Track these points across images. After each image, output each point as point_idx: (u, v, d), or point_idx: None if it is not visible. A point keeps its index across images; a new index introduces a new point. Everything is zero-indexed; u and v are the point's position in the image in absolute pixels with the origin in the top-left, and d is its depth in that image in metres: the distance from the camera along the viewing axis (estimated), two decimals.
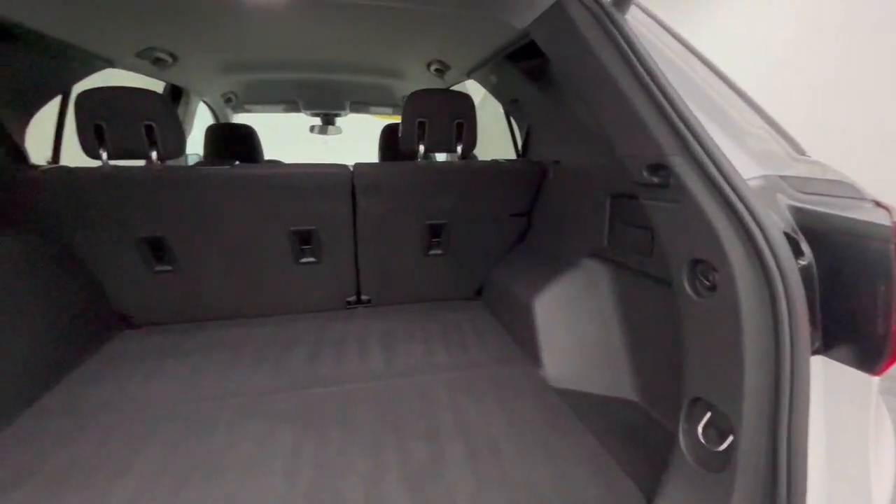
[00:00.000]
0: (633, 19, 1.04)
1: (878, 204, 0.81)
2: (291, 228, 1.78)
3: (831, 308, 0.76)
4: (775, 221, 0.77)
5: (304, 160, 1.86)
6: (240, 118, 3.78)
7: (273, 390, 1.43)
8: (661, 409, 1.30)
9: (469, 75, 2.31)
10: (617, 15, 0.99)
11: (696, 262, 0.87)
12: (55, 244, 1.58)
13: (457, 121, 1.74)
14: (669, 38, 1.09)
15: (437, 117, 1.73)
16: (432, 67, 2.38)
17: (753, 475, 0.77)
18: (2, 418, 1.24)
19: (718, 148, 0.82)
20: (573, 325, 1.53)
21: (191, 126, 3.22)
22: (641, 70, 0.92)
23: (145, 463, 1.10)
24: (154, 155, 1.54)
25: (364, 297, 2.10)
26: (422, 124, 1.72)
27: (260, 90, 3.15)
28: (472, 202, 1.90)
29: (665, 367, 1.28)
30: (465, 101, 1.77)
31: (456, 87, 2.68)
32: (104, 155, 1.51)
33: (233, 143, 2.84)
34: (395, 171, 1.78)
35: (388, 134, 2.85)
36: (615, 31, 0.98)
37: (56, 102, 1.90)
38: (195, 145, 3.09)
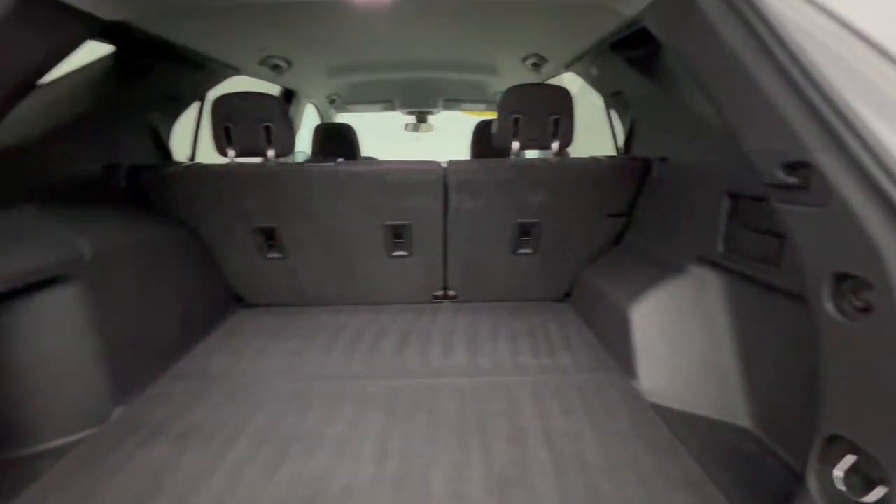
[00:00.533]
0: None
1: None
2: (386, 223, 1.86)
3: None
4: None
5: (396, 157, 1.94)
6: (340, 118, 4.05)
7: (364, 376, 1.51)
8: (782, 441, 1.13)
9: (568, 68, 2.22)
10: None
11: (842, 277, 0.73)
12: (190, 231, 1.83)
13: (554, 116, 1.68)
14: (819, 13, 0.93)
15: (534, 113, 1.69)
16: (528, 61, 2.32)
17: None
18: (147, 379, 1.46)
19: (883, 144, 0.69)
20: (676, 337, 1.40)
21: (299, 125, 3.51)
22: (781, 53, 0.80)
23: (252, 431, 1.22)
24: (271, 153, 1.71)
25: (450, 293, 2.13)
26: (517, 120, 1.69)
27: (360, 91, 3.34)
28: (567, 201, 1.82)
29: (790, 394, 1.12)
30: (564, 95, 1.70)
31: (551, 81, 2.60)
32: (231, 153, 1.70)
33: (336, 140, 3.04)
34: (488, 168, 1.77)
35: (481, 130, 2.85)
36: (748, 10, 0.86)
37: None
38: (302, 143, 3.37)
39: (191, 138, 2.30)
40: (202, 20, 1.60)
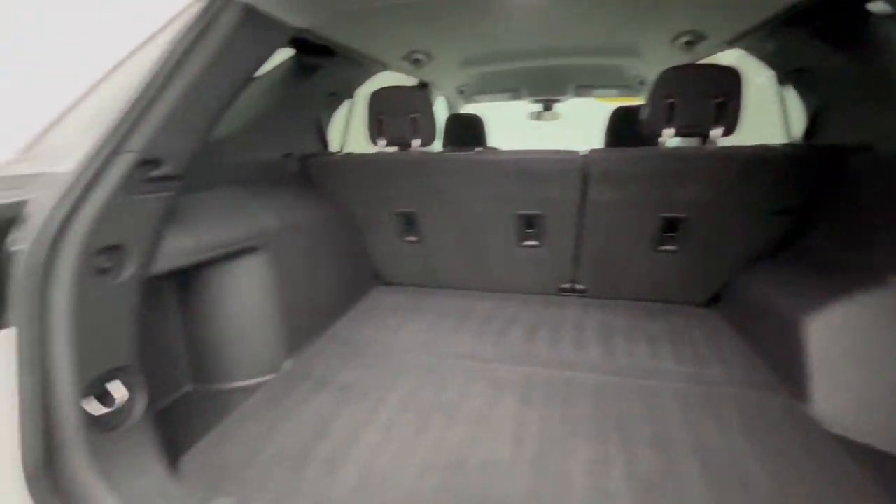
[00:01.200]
0: None
1: None
2: (519, 212, 1.87)
3: None
4: None
5: (515, 147, 1.92)
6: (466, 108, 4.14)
7: (495, 360, 1.55)
8: None
9: (732, 44, 1.97)
10: None
11: None
12: (344, 211, 2.04)
13: (718, 100, 1.51)
14: None
15: (694, 97, 1.53)
16: (680, 40, 2.11)
17: None
18: (308, 339, 1.68)
19: None
20: (870, 360, 1.18)
21: None
22: None
23: (397, 396, 1.34)
24: (415, 142, 1.82)
25: (579, 286, 2.07)
26: (672, 105, 1.55)
27: (489, 80, 3.37)
28: (724, 194, 1.63)
29: None
30: (732, 76, 1.51)
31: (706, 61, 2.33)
32: (381, 142, 1.85)
33: (465, 130, 3.11)
34: (635, 157, 1.66)
35: (619, 117, 2.68)
36: None
37: None
38: None
39: (341, 130, 2.56)
40: (363, 21, 1.76)
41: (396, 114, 1.80)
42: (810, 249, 1.60)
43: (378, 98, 1.82)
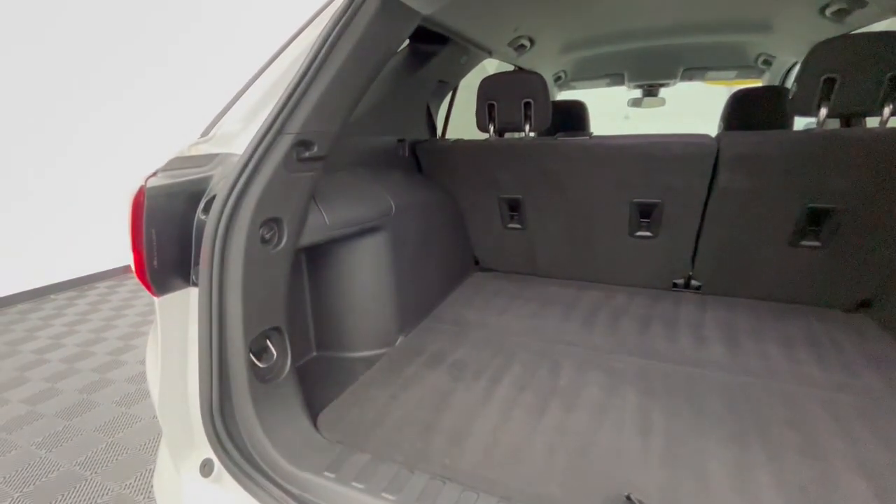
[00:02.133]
0: None
1: None
2: (634, 200, 1.78)
3: None
4: None
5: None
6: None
7: (608, 350, 1.50)
8: None
9: None
10: None
11: None
12: (450, 196, 2.09)
13: (892, 73, 1.31)
14: None
15: (858, 72, 1.35)
16: (832, 8, 1.86)
17: None
18: (418, 317, 1.75)
19: None
20: None
21: None
22: None
23: (512, 377, 1.35)
24: (527, 128, 1.80)
25: (694, 283, 1.93)
26: (830, 81, 1.37)
27: (589, 66, 3.23)
28: (891, 183, 1.42)
29: None
30: None
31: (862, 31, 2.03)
32: (491, 129, 1.86)
33: (569, 117, 3.02)
34: (778, 140, 1.50)
35: (740, 102, 2.44)
36: None
37: None
38: None
39: (443, 117, 2.61)
40: (474, 6, 1.77)
41: (509, 99, 1.79)
42: None
43: (490, 83, 1.82)
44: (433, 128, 2.25)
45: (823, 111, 1.41)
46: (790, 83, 2.95)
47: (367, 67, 1.25)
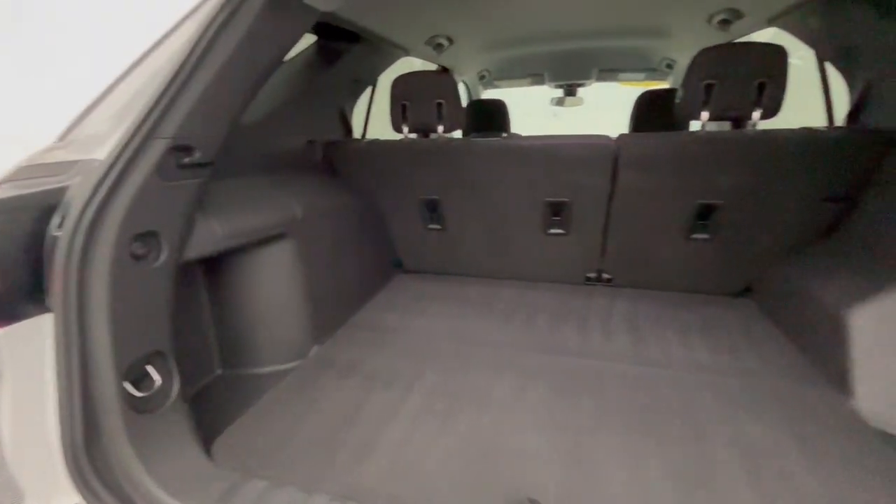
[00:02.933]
0: None
1: None
2: (546, 199, 1.83)
3: None
4: None
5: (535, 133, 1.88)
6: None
7: (523, 348, 1.53)
8: None
9: (772, 22, 1.87)
10: None
11: None
12: (368, 198, 2.03)
13: (758, 80, 1.44)
14: None
15: (733, 78, 1.46)
16: (716, 19, 2.02)
17: None
18: (334, 325, 1.69)
19: None
20: None
21: None
22: None
23: (426, 384, 1.34)
24: (440, 129, 1.79)
25: (605, 276, 2.02)
26: (710, 87, 1.48)
27: (511, 65, 3.30)
28: (767, 180, 1.57)
29: None
30: (776, 54, 1.43)
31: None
32: (405, 129, 1.83)
33: (488, 116, 3.06)
34: (671, 142, 1.60)
35: (646, 102, 2.60)
36: None
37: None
38: None
39: (363, 117, 2.54)
40: (386, 4, 1.72)
41: (421, 99, 1.77)
42: (855, 237, 1.53)
43: (402, 83, 1.79)
44: (348, 128, 2.18)
45: (705, 114, 1.52)
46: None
47: (257, 66, 1.17)
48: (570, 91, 3.87)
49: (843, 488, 0.93)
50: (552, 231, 1.92)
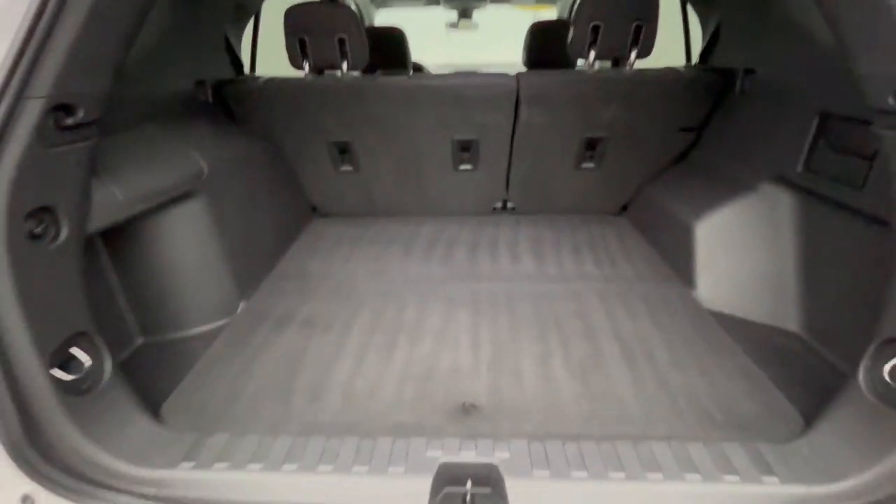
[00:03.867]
0: None
1: None
2: (455, 138, 1.91)
3: None
4: None
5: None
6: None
7: (444, 280, 1.69)
8: (830, 345, 1.28)
9: None
10: None
11: None
12: (273, 144, 1.93)
13: (637, 23, 1.61)
14: None
15: (615, 20, 1.62)
16: None
17: None
18: (259, 277, 1.68)
19: None
20: (739, 252, 1.50)
21: None
22: None
23: (362, 323, 1.45)
24: (345, 66, 1.72)
25: (510, 205, 2.23)
26: (596, 28, 1.63)
27: None
28: (639, 114, 1.82)
29: (846, 306, 1.24)
30: (649, 5, 1.60)
31: None
32: (306, 66, 1.72)
33: (388, 48, 2.91)
34: (563, 81, 1.75)
35: (537, 34, 2.69)
36: None
37: None
38: None
39: (248, 50, 2.29)
40: None
41: (321, 33, 1.66)
42: (701, 162, 1.88)
43: (296, 15, 1.65)
44: (238, 64, 1.97)
45: (592, 53, 1.67)
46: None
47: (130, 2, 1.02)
48: (465, 13, 3.80)
49: (684, 356, 1.27)
50: (462, 167, 2.03)
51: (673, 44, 2.21)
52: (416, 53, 4.05)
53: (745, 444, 0.91)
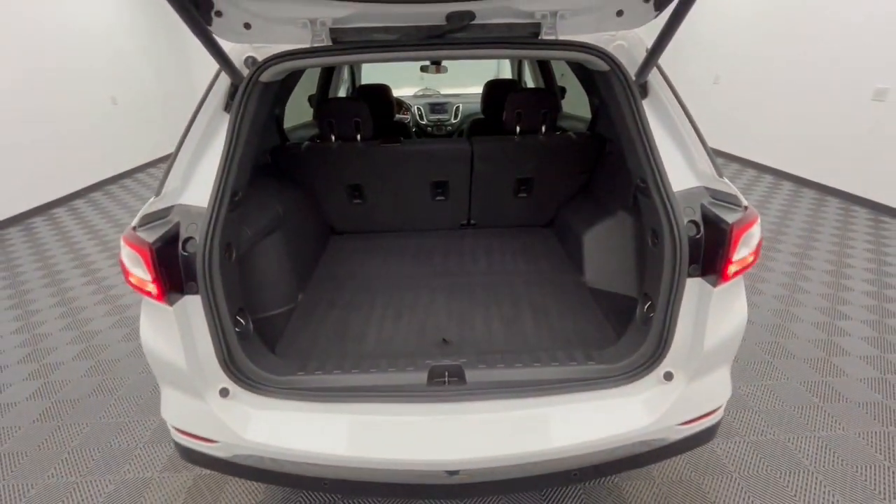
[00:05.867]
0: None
1: (745, 208, 1.62)
2: (432, 180, 2.85)
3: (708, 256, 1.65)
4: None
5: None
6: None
7: (428, 275, 2.62)
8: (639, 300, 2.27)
9: None
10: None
11: (653, 230, 1.77)
12: (311, 190, 2.82)
13: (543, 111, 2.59)
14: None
15: (531, 110, 2.59)
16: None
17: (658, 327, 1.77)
18: (309, 276, 2.57)
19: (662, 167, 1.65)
20: (607, 250, 2.48)
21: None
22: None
23: (378, 304, 2.36)
24: (359, 137, 2.64)
25: (472, 222, 3.18)
26: (519, 114, 2.60)
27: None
28: (552, 162, 2.80)
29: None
30: (552, 97, 2.58)
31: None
32: (333, 137, 2.63)
33: (377, 100, 3.77)
34: (500, 145, 2.71)
35: (492, 89, 3.65)
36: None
37: None
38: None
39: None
40: None
41: (344, 117, 2.59)
42: (591, 193, 2.88)
43: (328, 107, 2.57)
44: (283, 132, 2.86)
45: (518, 128, 2.64)
46: (525, 73, 4.33)
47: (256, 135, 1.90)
48: (437, 64, 4.74)
49: (566, 313, 2.23)
50: (437, 199, 2.97)
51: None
52: (398, 86, 5.02)
53: (584, 350, 1.87)
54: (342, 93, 4.70)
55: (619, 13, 1.84)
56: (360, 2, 1.75)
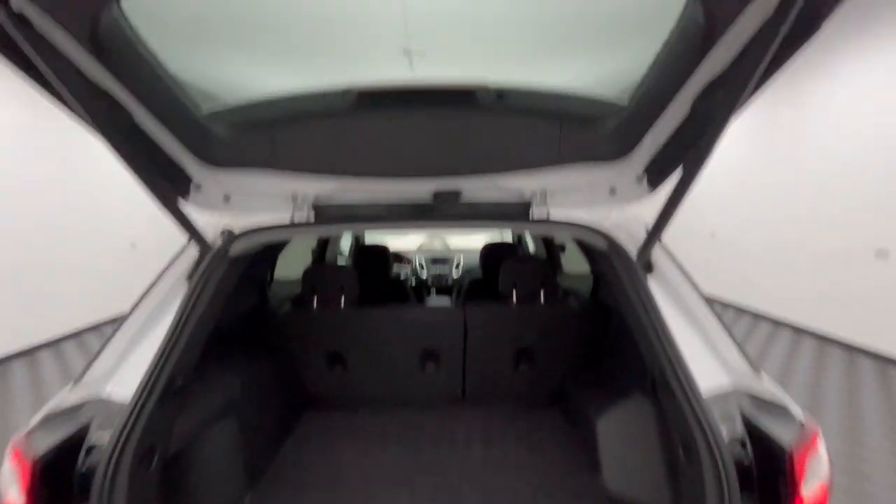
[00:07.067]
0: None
1: (802, 424, 1.27)
2: (423, 348, 2.57)
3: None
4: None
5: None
6: None
7: (413, 471, 2.14)
8: None
9: None
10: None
11: (683, 443, 1.39)
12: (286, 358, 2.54)
13: (540, 279, 2.44)
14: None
15: (527, 278, 2.45)
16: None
17: None
18: (263, 472, 2.11)
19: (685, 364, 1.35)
20: (627, 443, 2.02)
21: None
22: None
23: (370, 478, 1.92)
24: (342, 301, 2.45)
25: (467, 395, 2.79)
26: (515, 283, 2.45)
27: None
28: (551, 332, 2.54)
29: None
30: (546, 268, 2.46)
31: None
32: (314, 303, 2.45)
33: (376, 261, 3.72)
34: (496, 312, 2.50)
35: (489, 251, 3.62)
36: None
37: None
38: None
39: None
40: None
41: (327, 287, 2.44)
42: (600, 367, 2.55)
43: (312, 276, 2.45)
44: (264, 295, 2.71)
45: (515, 294, 2.45)
46: (526, 234, 4.38)
47: (217, 306, 1.71)
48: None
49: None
50: (427, 370, 2.64)
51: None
52: (396, 241, 5.02)
53: None
54: (345, 246, 4.76)
55: (612, 191, 1.80)
56: (344, 177, 1.74)
